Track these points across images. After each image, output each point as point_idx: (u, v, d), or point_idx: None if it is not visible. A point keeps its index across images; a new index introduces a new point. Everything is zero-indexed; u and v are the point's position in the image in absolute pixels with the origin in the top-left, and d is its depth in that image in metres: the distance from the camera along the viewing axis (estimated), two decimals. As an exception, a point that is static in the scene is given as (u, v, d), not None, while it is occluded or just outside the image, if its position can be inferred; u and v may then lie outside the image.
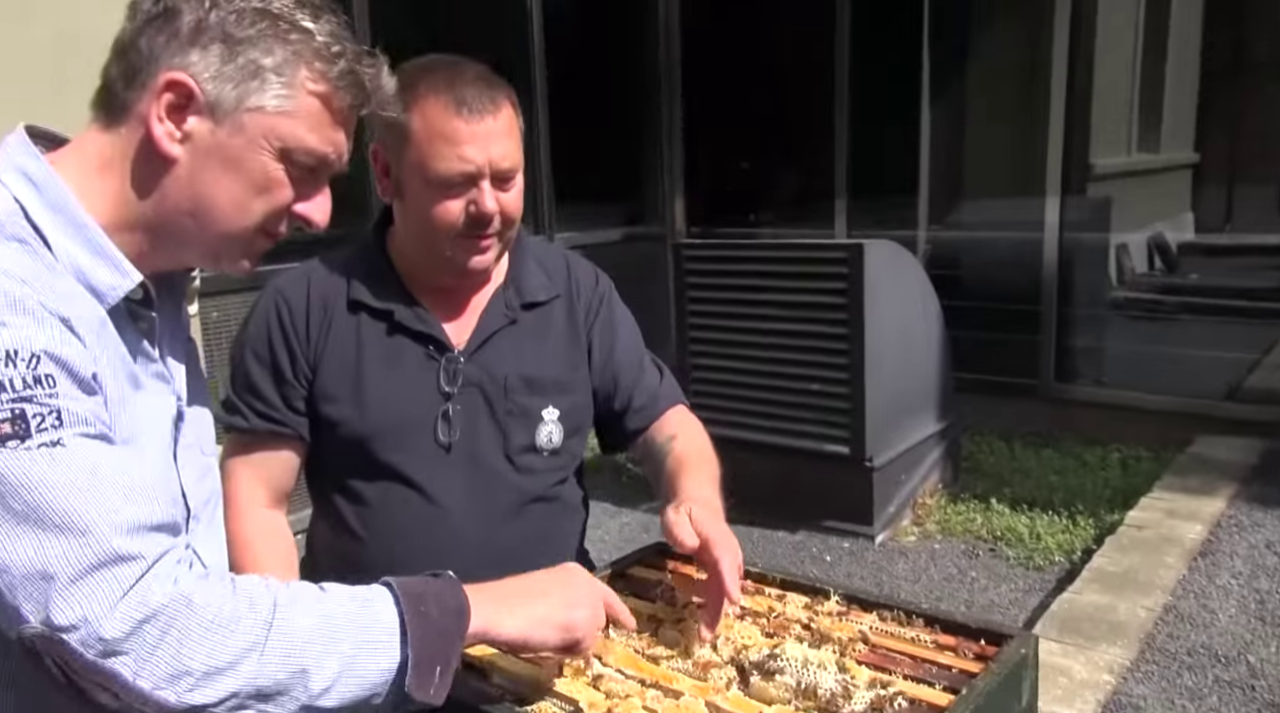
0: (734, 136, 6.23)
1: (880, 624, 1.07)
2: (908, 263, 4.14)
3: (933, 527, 4.08)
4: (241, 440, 1.33)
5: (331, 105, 0.87)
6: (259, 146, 0.85)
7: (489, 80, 1.28)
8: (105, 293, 0.83)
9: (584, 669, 0.97)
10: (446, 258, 1.31)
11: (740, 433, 4.14)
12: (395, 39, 4.18)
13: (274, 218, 0.89)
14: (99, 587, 0.67)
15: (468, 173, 1.24)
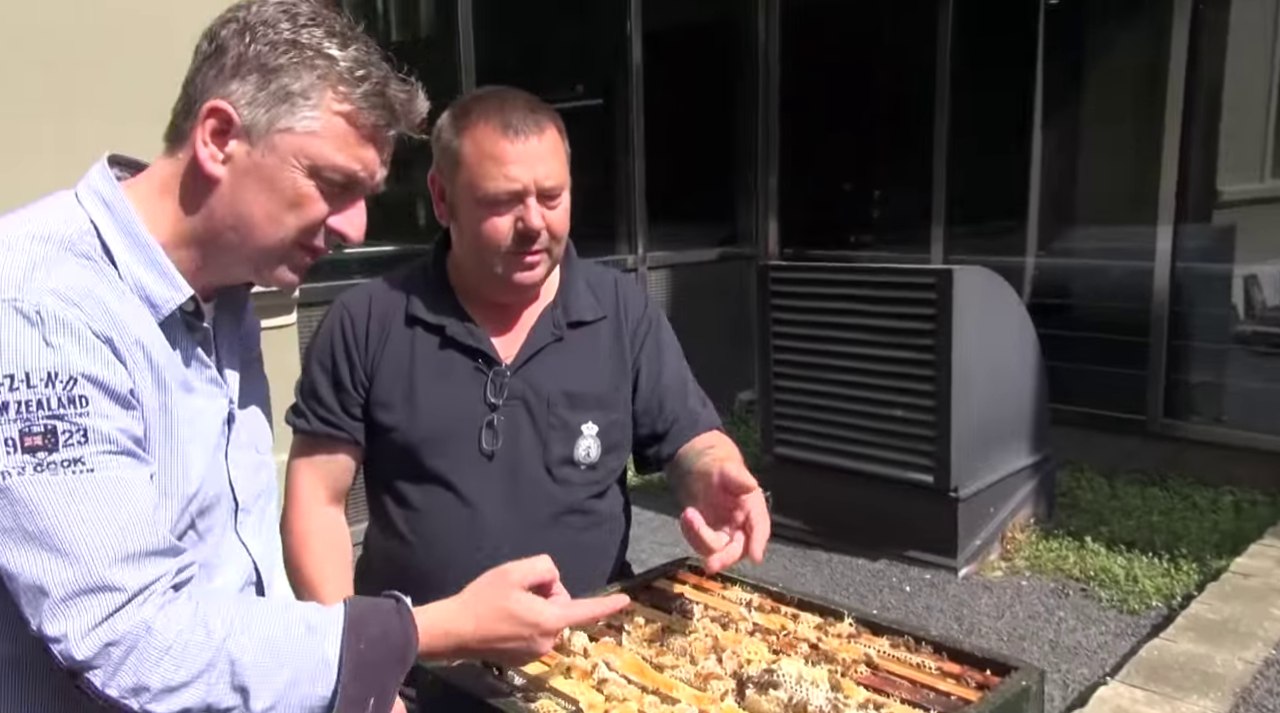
0: (830, 159, 6.20)
1: (889, 649, 1.09)
2: (1002, 290, 4.03)
3: (1021, 562, 3.95)
4: (305, 442, 1.44)
5: (356, 124, 0.94)
6: (290, 165, 0.92)
7: (534, 106, 1.38)
8: (160, 305, 0.92)
9: (590, 672, 1.02)
10: (498, 274, 1.39)
11: (822, 457, 4.12)
12: (500, 67, 4.41)
13: (308, 231, 0.96)
14: (81, 611, 0.78)
15: (514, 191, 1.32)
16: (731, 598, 1.23)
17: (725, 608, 1.19)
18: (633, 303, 1.56)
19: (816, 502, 4.22)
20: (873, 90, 6.01)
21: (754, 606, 1.20)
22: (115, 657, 0.78)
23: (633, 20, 5.37)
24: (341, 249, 1.02)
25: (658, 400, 1.54)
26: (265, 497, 1.11)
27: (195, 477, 0.94)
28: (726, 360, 5.96)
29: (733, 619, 1.16)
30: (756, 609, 1.19)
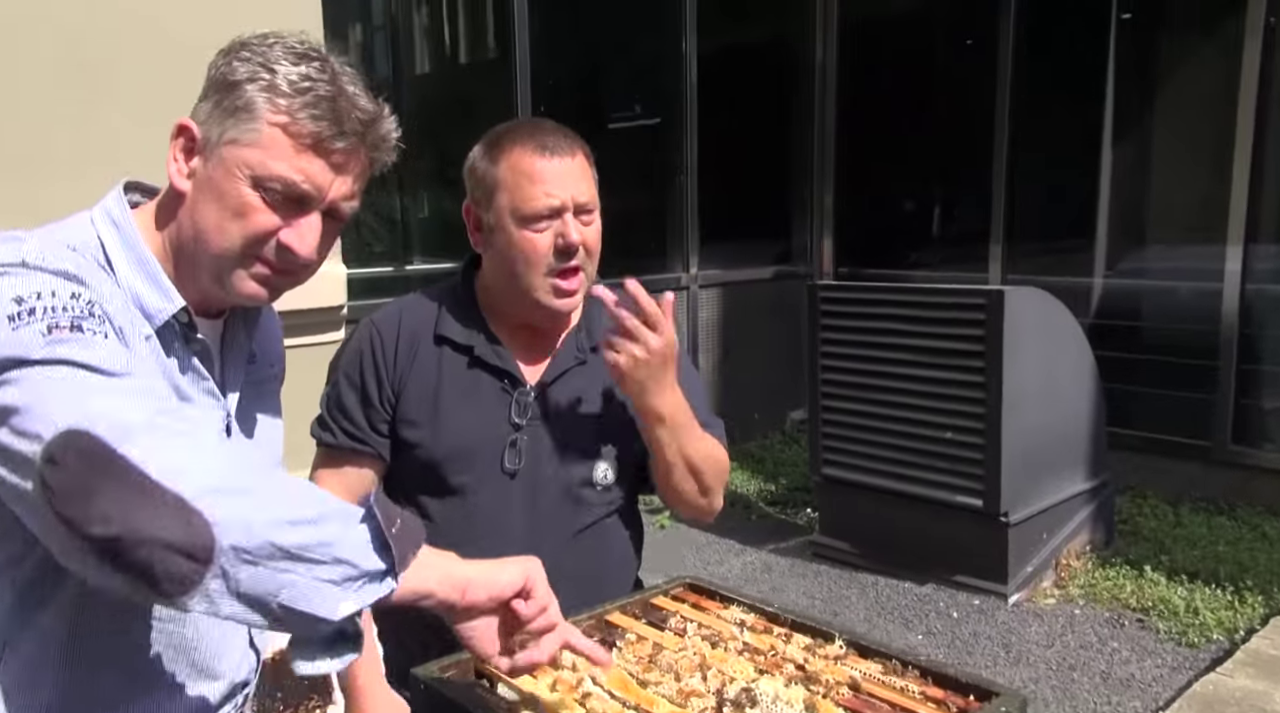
0: (887, 177, 6.16)
1: (876, 672, 1.09)
2: (1056, 311, 3.95)
3: (1076, 590, 3.84)
4: (329, 454, 1.49)
5: (292, 133, 0.95)
6: (234, 175, 0.96)
7: (565, 132, 1.43)
8: (154, 314, 0.98)
9: (575, 686, 1.05)
10: (537, 298, 1.43)
11: (870, 479, 4.08)
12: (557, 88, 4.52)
13: (253, 242, 0.97)
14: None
15: (553, 206, 1.37)
16: (727, 617, 1.25)
17: (719, 627, 1.21)
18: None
19: (864, 524, 4.18)
20: (931, 107, 5.96)
21: (747, 625, 1.22)
22: (163, 428, 0.80)
23: (688, 39, 5.43)
24: (295, 264, 1.01)
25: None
26: None
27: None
28: (779, 379, 5.94)
29: (723, 638, 1.18)
30: (749, 629, 1.21)
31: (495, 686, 1.09)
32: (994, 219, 5.43)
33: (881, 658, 1.12)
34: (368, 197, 2.61)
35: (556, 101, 4.95)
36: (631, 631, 1.21)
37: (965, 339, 3.72)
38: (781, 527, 4.69)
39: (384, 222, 4.94)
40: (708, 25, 5.49)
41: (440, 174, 5.30)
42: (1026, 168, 5.43)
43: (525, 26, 4.68)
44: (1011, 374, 3.64)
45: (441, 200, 5.33)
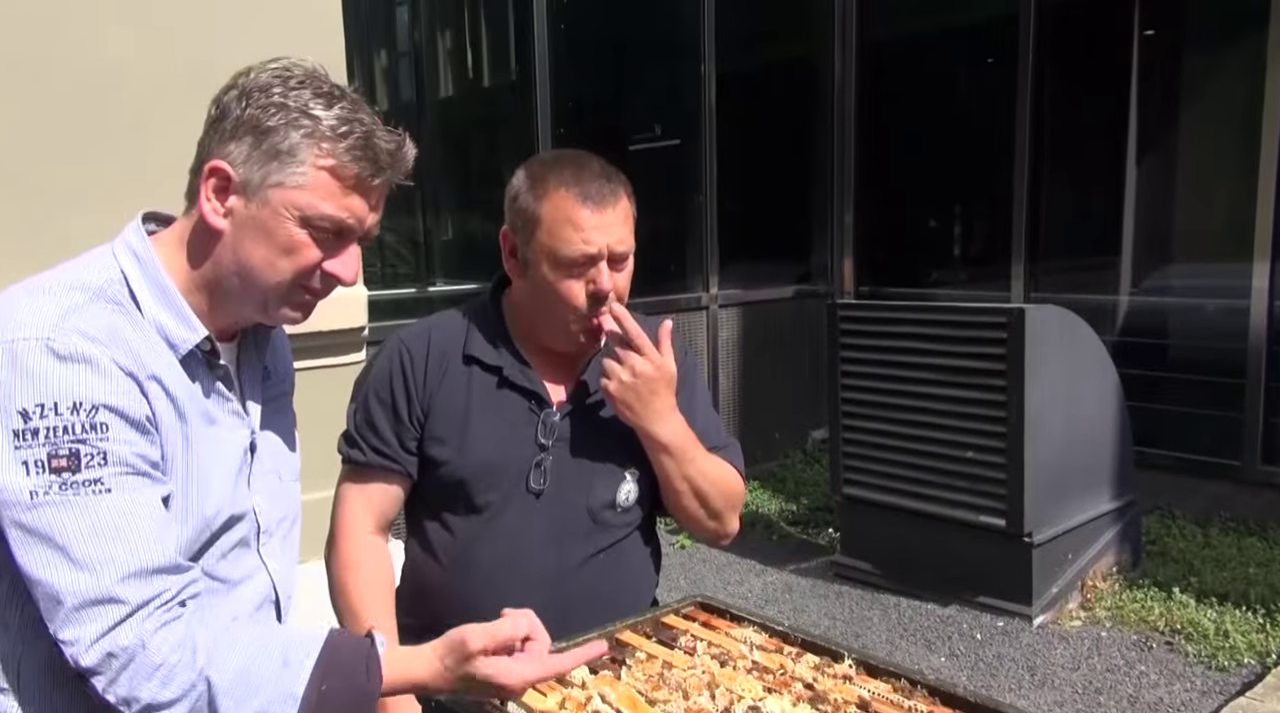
0: (907, 196, 6.15)
1: (884, 692, 1.09)
2: (1079, 329, 3.92)
3: (1102, 612, 3.78)
4: (356, 471, 1.51)
5: (340, 176, 1.02)
6: (282, 216, 1.02)
7: (609, 175, 1.44)
8: (178, 344, 1.03)
9: (584, 704, 1.06)
10: (570, 332, 1.46)
11: (891, 499, 4.05)
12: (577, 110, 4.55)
13: (303, 275, 1.04)
14: (90, 620, 0.88)
15: (590, 254, 1.40)
16: (736, 637, 1.25)
17: (728, 646, 1.22)
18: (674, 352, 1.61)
19: (885, 544, 4.15)
20: (951, 125, 5.95)
21: (757, 645, 1.22)
22: (114, 667, 0.88)
23: (707, 61, 5.48)
24: (335, 288, 1.09)
25: None
26: (289, 521, 1.20)
27: (215, 499, 1.03)
28: (800, 398, 5.92)
29: (732, 657, 1.18)
30: (759, 649, 1.21)
31: (505, 704, 1.10)
32: (1016, 238, 5.40)
33: (891, 678, 1.11)
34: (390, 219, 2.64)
35: (577, 124, 5.00)
36: (641, 649, 1.21)
37: (987, 357, 3.70)
38: (803, 547, 4.66)
39: (407, 243, 5.00)
40: (726, 47, 5.53)
41: (463, 197, 5.37)
42: (1049, 186, 5.41)
43: (546, 50, 4.74)
44: (1034, 393, 3.61)
45: (464, 223, 5.40)
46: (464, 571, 1.47)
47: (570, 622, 1.39)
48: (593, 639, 1.23)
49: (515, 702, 1.08)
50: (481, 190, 5.46)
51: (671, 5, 5.66)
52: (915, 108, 6.01)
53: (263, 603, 1.13)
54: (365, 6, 3.04)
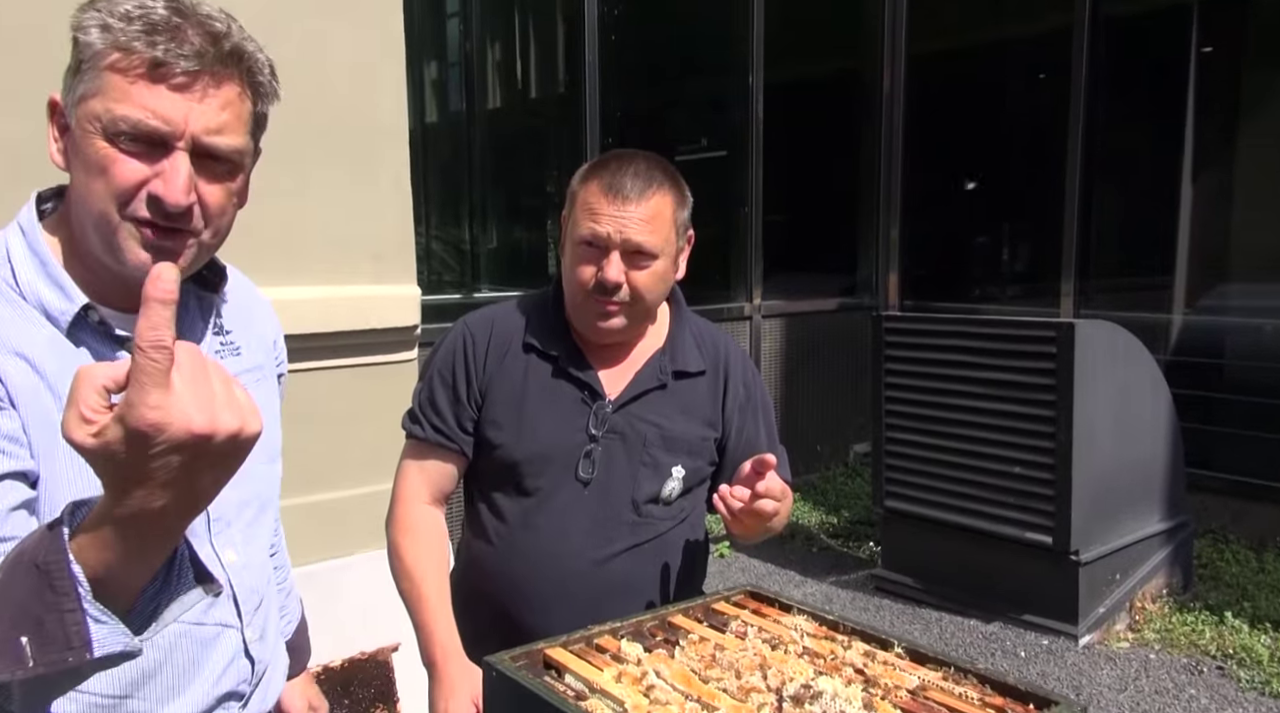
0: (955, 210, 6.11)
1: (935, 678, 1.10)
2: (1131, 346, 3.86)
3: (1151, 635, 3.71)
4: (416, 447, 1.56)
5: (129, 68, 0.87)
6: (88, 131, 0.89)
7: (650, 175, 1.46)
8: (57, 316, 0.94)
9: (640, 679, 1.08)
10: (581, 316, 1.50)
11: (934, 513, 4.02)
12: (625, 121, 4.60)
13: (120, 198, 0.90)
14: None
15: (598, 236, 1.43)
16: (786, 623, 1.26)
17: (778, 632, 1.23)
18: (735, 364, 1.64)
19: (928, 558, 4.11)
20: (1000, 139, 5.92)
21: (807, 632, 1.23)
22: None
23: (755, 73, 5.51)
24: (169, 215, 0.92)
25: (745, 455, 1.62)
26: (255, 506, 1.09)
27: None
28: (843, 411, 5.90)
29: (783, 642, 1.19)
30: (809, 635, 1.22)
31: (563, 675, 1.12)
32: (1065, 254, 5.34)
33: (940, 666, 1.12)
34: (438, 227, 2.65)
35: (625, 135, 5.06)
36: (694, 631, 1.23)
37: (1035, 372, 3.67)
38: (843, 559, 4.63)
39: (452, 251, 5.09)
40: (775, 58, 5.56)
41: (510, 205, 5.45)
42: (1100, 201, 5.34)
43: (596, 60, 4.80)
44: (1083, 409, 3.57)
45: (510, 231, 5.48)
46: (512, 552, 1.51)
47: (608, 609, 1.42)
48: (645, 621, 1.26)
49: (572, 674, 1.10)
50: (529, 200, 5.54)
51: (721, 17, 5.71)
52: (964, 121, 5.98)
53: (216, 599, 1.00)
54: (418, 19, 3.12)
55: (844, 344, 5.94)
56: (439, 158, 5.01)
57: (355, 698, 2.76)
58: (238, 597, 1.05)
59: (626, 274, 1.44)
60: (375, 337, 2.80)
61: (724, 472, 1.63)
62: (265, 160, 2.30)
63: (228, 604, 1.04)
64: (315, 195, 2.66)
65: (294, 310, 2.62)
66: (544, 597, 1.49)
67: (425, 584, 1.48)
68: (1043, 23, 5.65)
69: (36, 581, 0.69)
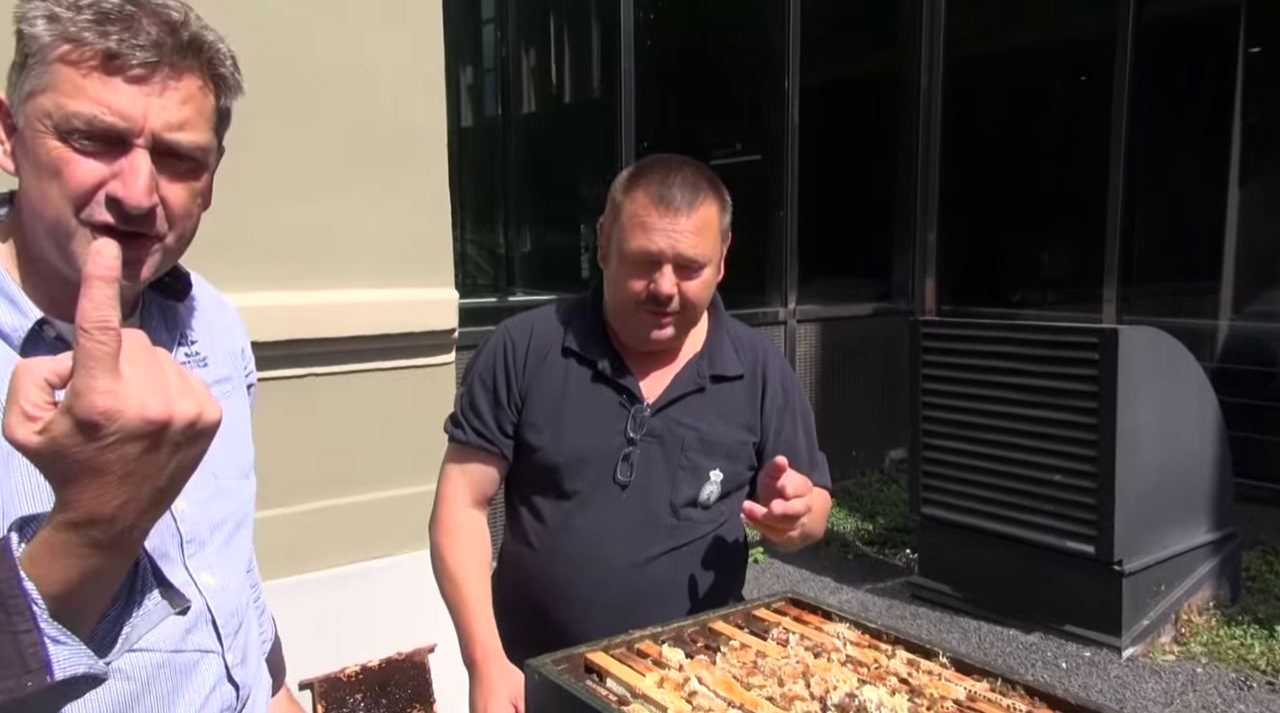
0: (993, 214, 6.04)
1: (981, 690, 1.08)
2: (1176, 352, 3.78)
3: (1198, 648, 3.63)
4: (459, 450, 1.58)
5: (79, 59, 0.81)
6: (37, 131, 0.82)
7: (696, 184, 1.46)
8: (9, 334, 0.85)
9: (682, 684, 1.07)
10: (631, 326, 1.50)
11: (972, 520, 3.97)
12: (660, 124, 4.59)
13: (77, 200, 0.83)
14: None
15: (651, 253, 1.43)
16: (828, 631, 1.25)
17: (821, 639, 1.22)
18: (773, 367, 1.64)
19: (966, 566, 4.05)
20: (1041, 143, 5.84)
21: (850, 640, 1.22)
22: None
23: (791, 76, 5.49)
24: (130, 217, 0.85)
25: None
26: (231, 525, 1.02)
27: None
28: (877, 417, 5.85)
29: (826, 650, 1.18)
30: (852, 643, 1.21)
31: (604, 680, 1.12)
32: (1108, 259, 5.25)
33: (987, 677, 1.10)
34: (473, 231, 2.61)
35: (659, 138, 5.06)
36: (735, 638, 1.23)
37: (1077, 379, 3.61)
38: (879, 566, 4.59)
39: (487, 255, 5.12)
40: (811, 62, 5.53)
41: (544, 209, 5.47)
42: (1145, 206, 5.25)
43: (631, 65, 4.81)
44: (1126, 416, 3.50)
45: (544, 235, 5.50)
46: (551, 554, 1.52)
47: (647, 612, 1.42)
48: (686, 626, 1.25)
49: (615, 679, 1.10)
50: (563, 205, 5.56)
51: (757, 21, 5.70)
52: (1003, 123, 5.91)
53: (194, 624, 0.96)
54: (454, 23, 3.14)
55: (879, 349, 5.89)
56: (474, 162, 5.05)
57: (392, 699, 2.78)
58: (217, 621, 0.99)
59: (678, 285, 1.45)
60: (413, 340, 2.82)
61: (758, 478, 1.62)
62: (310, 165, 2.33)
63: (206, 629, 0.98)
64: (356, 199, 2.68)
65: (336, 314, 2.65)
66: (583, 599, 1.49)
67: (467, 585, 1.49)
68: (1086, 25, 5.57)
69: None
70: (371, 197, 2.71)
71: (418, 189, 2.80)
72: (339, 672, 2.70)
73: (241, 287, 2.35)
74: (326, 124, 2.57)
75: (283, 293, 2.56)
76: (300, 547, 2.64)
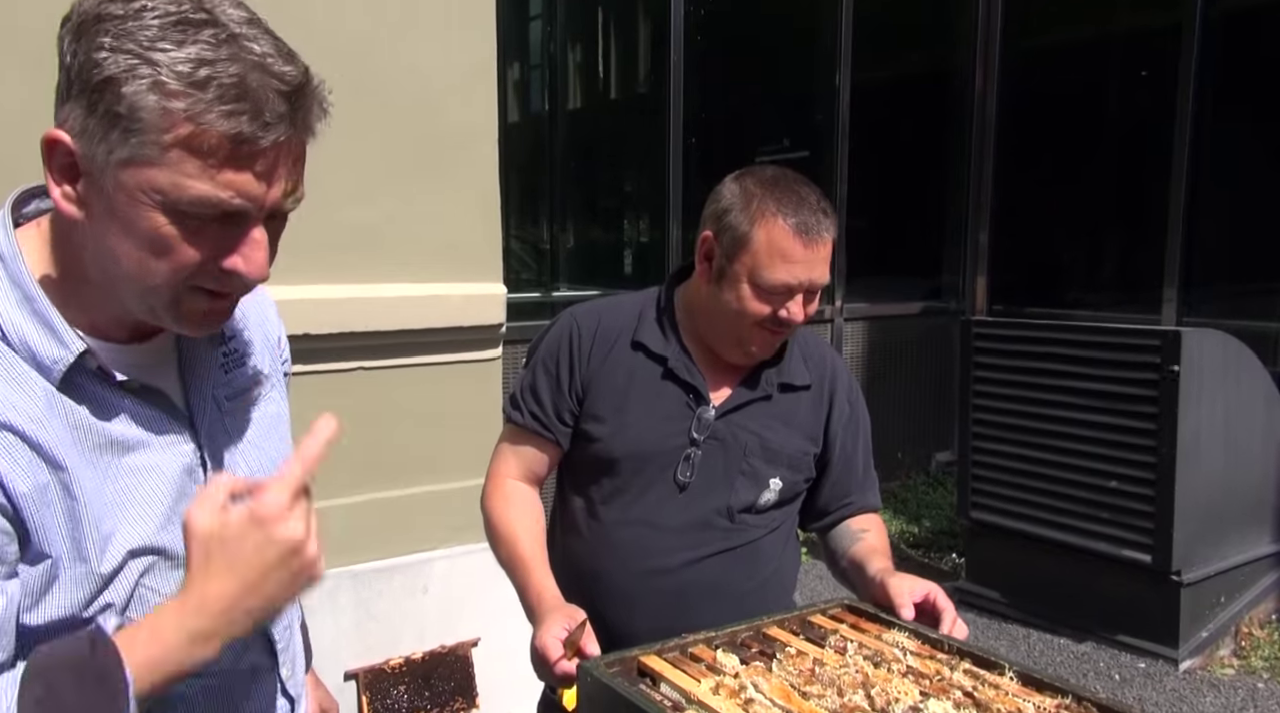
0: (1048, 214, 5.89)
1: (1049, 706, 1.04)
2: (1242, 356, 3.66)
3: (1259, 662, 3.51)
4: (515, 432, 1.56)
5: (201, 144, 0.73)
6: (139, 202, 0.74)
7: (825, 211, 1.44)
8: (50, 366, 0.79)
9: (738, 692, 1.05)
10: (742, 343, 1.47)
11: (1023, 525, 3.88)
12: (710, 120, 4.55)
13: (187, 276, 0.78)
14: None
15: (793, 287, 1.41)
16: (888, 640, 1.22)
17: (880, 648, 1.18)
18: (841, 380, 1.61)
19: (1016, 572, 3.97)
20: (1099, 140, 5.68)
21: (910, 650, 1.18)
22: None
23: (842, 73, 5.41)
24: (243, 287, 0.82)
25: (843, 470, 1.60)
26: None
27: (128, 541, 0.83)
28: (925, 418, 5.75)
29: (886, 659, 1.15)
30: (912, 653, 1.17)
31: (658, 684, 1.10)
32: (1169, 259, 5.10)
33: (1056, 692, 1.06)
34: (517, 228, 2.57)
35: (707, 135, 5.02)
36: (791, 644, 1.20)
37: (1137, 383, 3.50)
38: (924, 570, 4.49)
39: (531, 250, 5.13)
40: (864, 58, 5.45)
41: (589, 205, 5.46)
42: (1208, 204, 5.08)
43: (681, 60, 4.78)
44: (1189, 422, 3.39)
45: (589, 231, 5.49)
46: (602, 545, 1.50)
47: (696, 611, 1.41)
48: (740, 631, 1.22)
49: (669, 684, 1.08)
50: (607, 200, 5.55)
51: (809, 16, 5.63)
52: (1059, 121, 5.76)
53: (250, 642, 0.94)
54: (503, 19, 3.13)
55: (927, 350, 5.79)
56: (521, 158, 5.05)
57: (435, 691, 2.80)
58: (272, 634, 0.97)
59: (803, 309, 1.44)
60: (462, 335, 2.83)
61: (822, 487, 1.60)
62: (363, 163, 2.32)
63: (260, 645, 0.96)
64: (408, 197, 2.70)
65: (386, 309, 2.67)
66: (631, 593, 1.47)
67: (521, 544, 1.47)
68: (1150, 19, 5.41)
69: (93, 690, 0.73)
70: (423, 194, 2.72)
71: (469, 187, 2.81)
72: (383, 663, 2.72)
73: (293, 281, 2.37)
74: (381, 124, 2.58)
75: (334, 287, 2.58)
76: (347, 539, 2.66)
